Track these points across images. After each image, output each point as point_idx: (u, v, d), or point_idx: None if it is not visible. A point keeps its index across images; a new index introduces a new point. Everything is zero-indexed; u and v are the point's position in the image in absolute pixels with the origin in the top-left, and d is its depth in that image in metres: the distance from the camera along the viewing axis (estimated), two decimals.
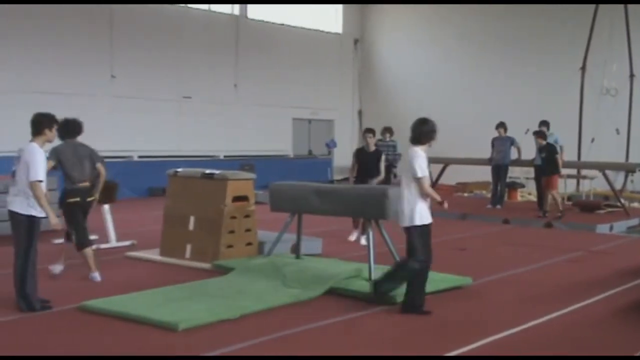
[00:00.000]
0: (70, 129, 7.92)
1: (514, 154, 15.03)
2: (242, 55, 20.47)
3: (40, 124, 6.54)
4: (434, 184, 16.93)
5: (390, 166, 13.67)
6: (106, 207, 9.99)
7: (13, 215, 6.36)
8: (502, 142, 14.97)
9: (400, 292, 6.81)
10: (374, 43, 24.03)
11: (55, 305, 6.51)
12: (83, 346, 5.38)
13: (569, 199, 15.92)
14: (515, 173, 18.68)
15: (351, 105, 24.05)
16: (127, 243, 9.93)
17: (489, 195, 17.55)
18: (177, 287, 7.13)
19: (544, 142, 13.41)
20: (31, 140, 6.49)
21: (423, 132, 6.76)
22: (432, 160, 17.12)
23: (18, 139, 8.50)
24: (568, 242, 10.90)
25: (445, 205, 6.57)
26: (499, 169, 14.95)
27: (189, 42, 19.11)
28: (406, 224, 6.47)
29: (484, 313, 6.56)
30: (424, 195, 6.53)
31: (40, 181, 6.25)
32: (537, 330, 6.00)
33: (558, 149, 14.25)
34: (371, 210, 7.65)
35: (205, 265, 8.34)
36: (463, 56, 21.56)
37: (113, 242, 9.91)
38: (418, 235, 6.50)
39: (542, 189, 13.67)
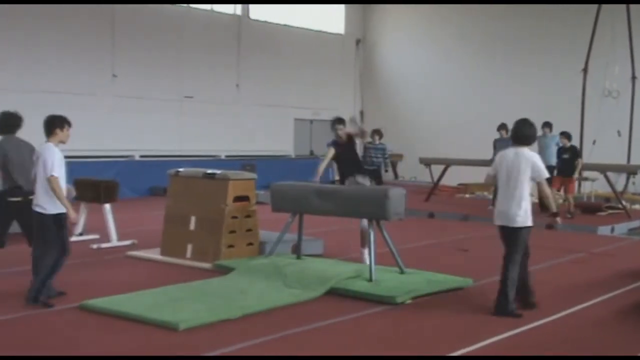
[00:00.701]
0: (10, 122, 7.94)
1: None
2: (244, 56, 20.47)
3: (52, 124, 6.79)
4: (435, 185, 17.00)
5: (377, 170, 13.35)
6: (107, 206, 10.00)
7: (40, 216, 6.60)
8: (504, 143, 14.92)
9: (400, 292, 6.81)
10: (376, 43, 24.03)
11: (56, 304, 6.51)
12: (83, 345, 5.37)
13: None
14: None
15: (353, 106, 24.03)
16: (127, 242, 9.93)
17: (491, 196, 17.54)
18: (178, 287, 7.13)
19: (568, 144, 13.43)
20: (46, 141, 6.77)
21: (531, 135, 6.76)
22: (433, 161, 17.27)
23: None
24: (569, 243, 10.88)
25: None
26: None
27: (190, 42, 19.11)
28: (518, 224, 6.45)
29: (485, 314, 6.54)
30: (545, 195, 6.78)
31: (56, 177, 6.50)
32: (539, 331, 5.99)
33: (556, 150, 14.31)
34: (372, 210, 7.64)
35: (206, 265, 8.33)
36: (465, 56, 21.55)
37: (114, 242, 9.91)
38: (527, 235, 6.55)
39: (565, 190, 13.58)
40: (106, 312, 6.19)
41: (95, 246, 9.67)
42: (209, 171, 8.97)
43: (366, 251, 8.31)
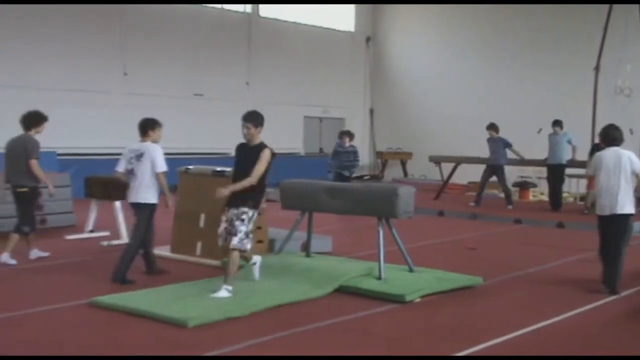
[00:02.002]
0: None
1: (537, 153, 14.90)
2: (254, 53, 20.48)
3: (146, 126, 7.70)
4: (445, 183, 16.96)
5: (341, 175, 13.16)
6: (117, 203, 10.04)
7: (139, 206, 7.51)
8: (495, 143, 14.87)
9: (409, 290, 6.80)
10: (386, 41, 23.98)
11: (66, 300, 6.54)
12: (93, 341, 5.39)
13: (581, 199, 15.83)
14: (527, 172, 18.62)
15: (362, 104, 24.02)
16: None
17: (501, 195, 17.51)
18: (187, 284, 7.15)
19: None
20: (142, 141, 7.71)
21: (618, 137, 7.55)
22: (442, 160, 17.22)
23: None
24: (581, 242, 10.81)
25: None
26: (495, 170, 14.87)
27: (201, 40, 19.14)
28: (626, 211, 7.33)
29: (495, 313, 6.53)
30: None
31: (165, 172, 7.51)
32: (549, 331, 5.96)
33: (571, 148, 14.25)
34: (382, 208, 7.62)
35: (216, 263, 8.34)
36: (475, 54, 21.47)
37: (124, 239, 9.93)
38: (632, 220, 7.67)
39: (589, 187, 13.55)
40: (116, 308, 6.22)
41: (105, 243, 9.71)
42: (219, 169, 8.98)
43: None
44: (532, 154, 15.90)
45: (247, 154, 6.84)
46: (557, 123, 14.66)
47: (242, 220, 6.58)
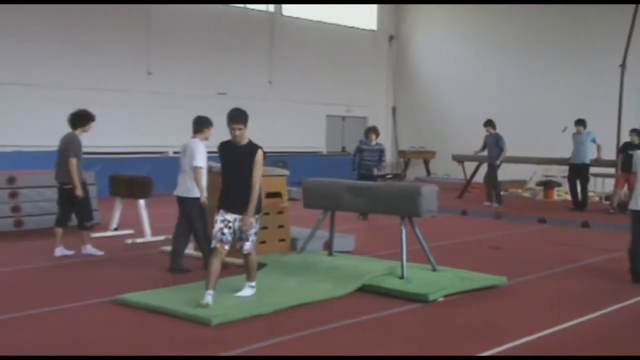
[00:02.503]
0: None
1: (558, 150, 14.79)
2: (277, 52, 20.52)
3: (200, 123, 8.06)
4: (468, 182, 16.87)
5: (365, 175, 12.33)
6: (141, 202, 10.11)
7: (185, 200, 7.90)
8: (491, 138, 14.97)
9: (432, 289, 6.77)
10: (409, 39, 23.89)
11: (91, 297, 6.61)
12: (116, 339, 5.43)
13: (606, 198, 15.67)
14: (552, 171, 18.46)
15: (385, 102, 23.96)
16: (161, 238, 10.03)
17: (525, 194, 17.40)
18: None
19: (638, 140, 13.28)
20: (192, 137, 8.00)
21: None
22: (466, 159, 17.13)
23: (56, 133, 8.62)
24: (606, 242, 10.71)
25: None
26: (489, 168, 15.02)
27: (224, 39, 19.21)
28: None
29: (518, 313, 6.48)
30: None
31: (201, 167, 7.74)
32: (574, 332, 5.90)
33: (596, 147, 14.09)
34: (404, 207, 7.60)
35: (238, 261, 8.35)
36: (498, 53, 21.31)
37: (148, 237, 10.02)
38: None
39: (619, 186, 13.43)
40: (140, 306, 6.27)
41: (129, 241, 9.79)
42: None
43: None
44: (557, 152, 15.78)
45: (239, 154, 6.51)
46: (580, 122, 14.53)
47: (252, 225, 6.49)
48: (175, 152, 18.08)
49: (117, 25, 17.17)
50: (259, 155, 6.45)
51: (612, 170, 16.04)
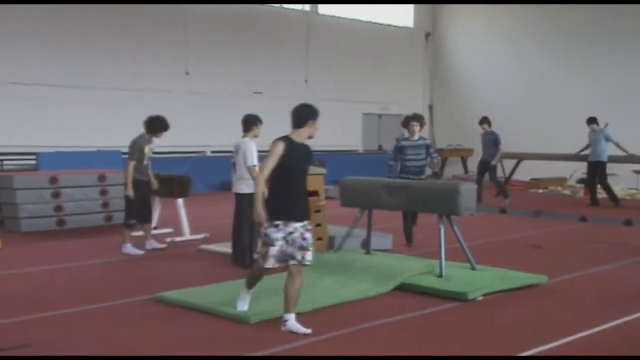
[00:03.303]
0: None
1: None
2: (313, 51, 20.55)
3: (249, 122, 8.37)
4: (507, 180, 16.69)
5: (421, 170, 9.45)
6: (180, 201, 10.21)
7: (237, 196, 8.17)
8: (487, 138, 14.73)
9: (471, 288, 6.72)
10: (446, 37, 23.72)
11: (133, 295, 6.70)
12: (156, 337, 5.50)
13: None
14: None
15: (422, 100, 23.82)
16: (200, 236, 10.12)
17: (565, 191, 17.13)
18: None
19: None
20: (243, 137, 8.30)
21: None
22: (504, 156, 16.96)
23: (98, 134, 8.84)
24: None
25: None
26: (485, 166, 14.72)
27: (260, 39, 19.31)
28: None
29: (559, 312, 6.39)
30: None
31: (255, 165, 7.91)
32: (615, 332, 5.80)
33: (610, 145, 14.26)
34: (442, 205, 7.55)
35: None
36: (536, 51, 21.04)
37: (187, 235, 10.12)
38: None
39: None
40: (180, 303, 6.34)
41: (169, 240, 9.90)
42: None
43: None
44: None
45: (306, 156, 5.95)
46: (592, 120, 14.64)
47: (310, 230, 5.73)
48: (212, 152, 18.30)
49: (155, 26, 17.38)
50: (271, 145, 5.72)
51: None
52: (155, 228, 10.59)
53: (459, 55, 23.38)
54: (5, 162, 15.01)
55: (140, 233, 9.38)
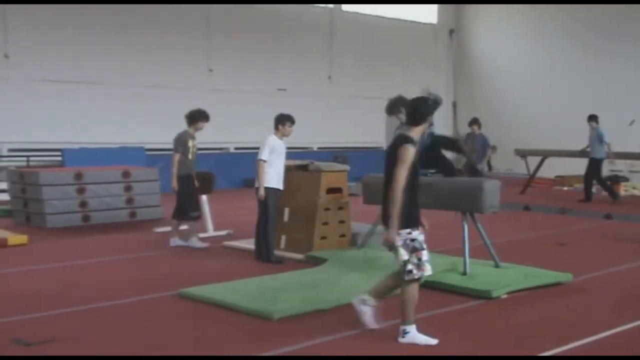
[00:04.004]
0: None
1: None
2: (336, 47, 20.52)
3: (276, 121, 8.32)
4: (531, 177, 16.55)
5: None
6: (204, 197, 10.26)
7: (257, 189, 8.23)
8: (476, 140, 13.53)
9: (495, 286, 6.67)
10: (470, 33, 23.57)
11: (156, 291, 6.75)
12: (178, 333, 5.52)
13: None
14: (619, 166, 17.97)
15: (445, 97, 23.67)
16: (223, 233, 10.17)
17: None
18: (272, 277, 7.24)
19: None
20: (274, 134, 8.31)
21: None
22: (529, 153, 16.81)
23: (122, 130, 8.93)
24: None
25: None
26: (473, 171, 12.73)
27: (283, 35, 19.33)
28: None
29: (584, 311, 6.33)
30: None
31: (264, 161, 8.08)
32: (638, 332, 5.73)
33: (606, 147, 14.47)
34: (467, 203, 7.50)
35: (299, 256, 8.42)
36: (561, 47, 20.84)
37: (210, 232, 10.17)
38: None
39: None
40: (203, 299, 6.37)
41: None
42: (302, 163, 9.06)
43: None
44: (624, 146, 15.37)
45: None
46: (592, 118, 14.68)
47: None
48: (236, 148, 18.37)
49: (179, 24, 17.47)
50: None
51: None
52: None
53: (483, 51, 23.22)
54: (31, 159, 15.19)
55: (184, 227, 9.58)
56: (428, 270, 5.26)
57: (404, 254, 5.22)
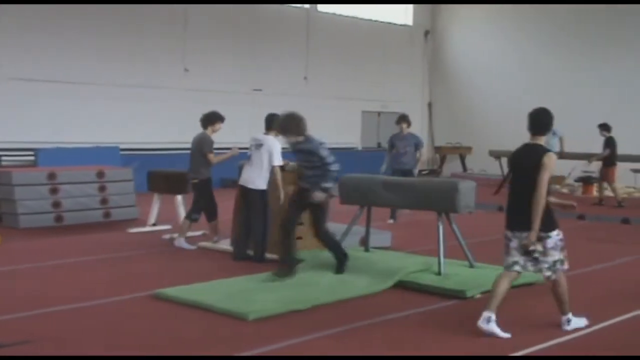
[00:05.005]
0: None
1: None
2: (312, 48, 20.53)
3: (270, 121, 8.37)
4: (505, 178, 16.66)
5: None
6: (179, 197, 10.21)
7: (250, 191, 8.19)
8: (405, 141, 11.87)
9: (470, 286, 6.72)
10: (445, 35, 23.70)
11: (132, 292, 6.70)
12: (153, 334, 5.50)
13: None
14: (592, 167, 18.16)
15: (421, 98, 23.82)
16: (199, 233, 10.11)
17: (563, 190, 17.10)
18: (247, 278, 7.22)
19: None
20: (265, 134, 8.38)
21: None
22: (503, 154, 16.91)
23: (96, 130, 8.86)
24: None
25: None
26: (405, 175, 11.04)
27: (259, 35, 19.29)
28: None
29: (557, 311, 6.39)
30: None
31: (279, 166, 8.11)
32: (614, 330, 5.82)
33: (558, 143, 14.73)
34: (442, 203, 7.55)
35: (275, 257, 8.40)
36: (535, 49, 21.01)
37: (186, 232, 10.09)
38: None
39: None
40: (178, 300, 6.34)
41: (167, 237, 9.89)
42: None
43: None
44: (595, 148, 15.57)
45: None
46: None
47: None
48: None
49: (155, 24, 17.34)
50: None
51: None
52: (153, 225, 10.60)
53: (459, 53, 23.37)
54: (3, 158, 14.99)
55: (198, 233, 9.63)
56: (566, 265, 5.90)
57: (555, 254, 5.77)
